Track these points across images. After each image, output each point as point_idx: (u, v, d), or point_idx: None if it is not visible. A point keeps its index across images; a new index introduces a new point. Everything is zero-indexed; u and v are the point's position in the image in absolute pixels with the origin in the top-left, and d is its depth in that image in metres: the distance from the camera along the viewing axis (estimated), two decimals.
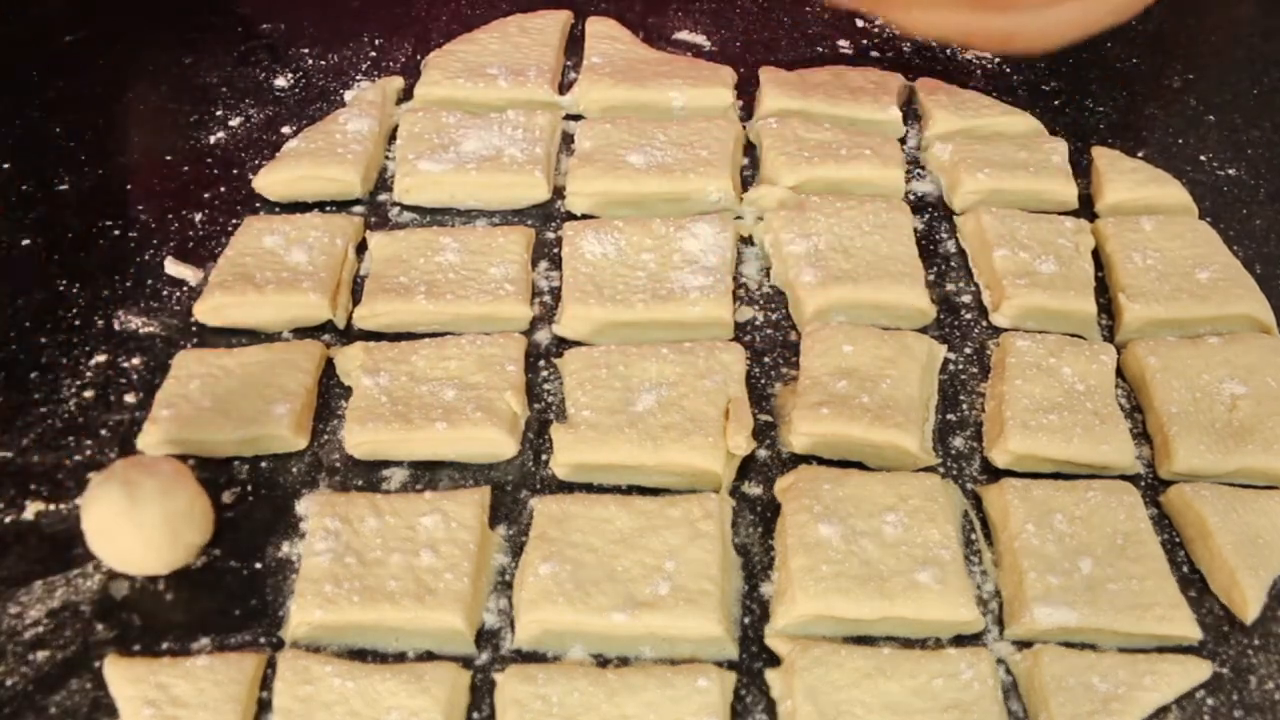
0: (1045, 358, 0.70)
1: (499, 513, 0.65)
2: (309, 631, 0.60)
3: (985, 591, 0.63)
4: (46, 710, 0.58)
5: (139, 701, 0.57)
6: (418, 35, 0.90)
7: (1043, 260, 0.74)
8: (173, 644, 0.60)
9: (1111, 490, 0.65)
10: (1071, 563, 0.62)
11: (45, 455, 0.67)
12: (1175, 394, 0.68)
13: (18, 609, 0.61)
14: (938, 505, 0.63)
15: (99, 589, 0.62)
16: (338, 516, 0.63)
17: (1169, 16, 0.91)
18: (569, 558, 0.61)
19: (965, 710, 0.57)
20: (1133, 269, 0.74)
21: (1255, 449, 0.66)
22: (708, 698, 0.57)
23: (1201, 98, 0.88)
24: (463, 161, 0.79)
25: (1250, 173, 0.83)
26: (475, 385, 0.68)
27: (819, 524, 0.62)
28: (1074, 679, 0.58)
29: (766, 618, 0.61)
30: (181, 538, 0.61)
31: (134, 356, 0.71)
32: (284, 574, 0.63)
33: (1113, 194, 0.79)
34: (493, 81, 0.84)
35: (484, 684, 0.59)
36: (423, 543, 0.62)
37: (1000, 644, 0.61)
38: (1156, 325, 0.73)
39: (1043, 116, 0.84)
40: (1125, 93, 0.88)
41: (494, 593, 0.62)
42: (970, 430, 0.69)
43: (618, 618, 0.59)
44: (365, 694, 0.57)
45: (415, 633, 0.60)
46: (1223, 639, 0.61)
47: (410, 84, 0.86)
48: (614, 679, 0.58)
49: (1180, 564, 0.64)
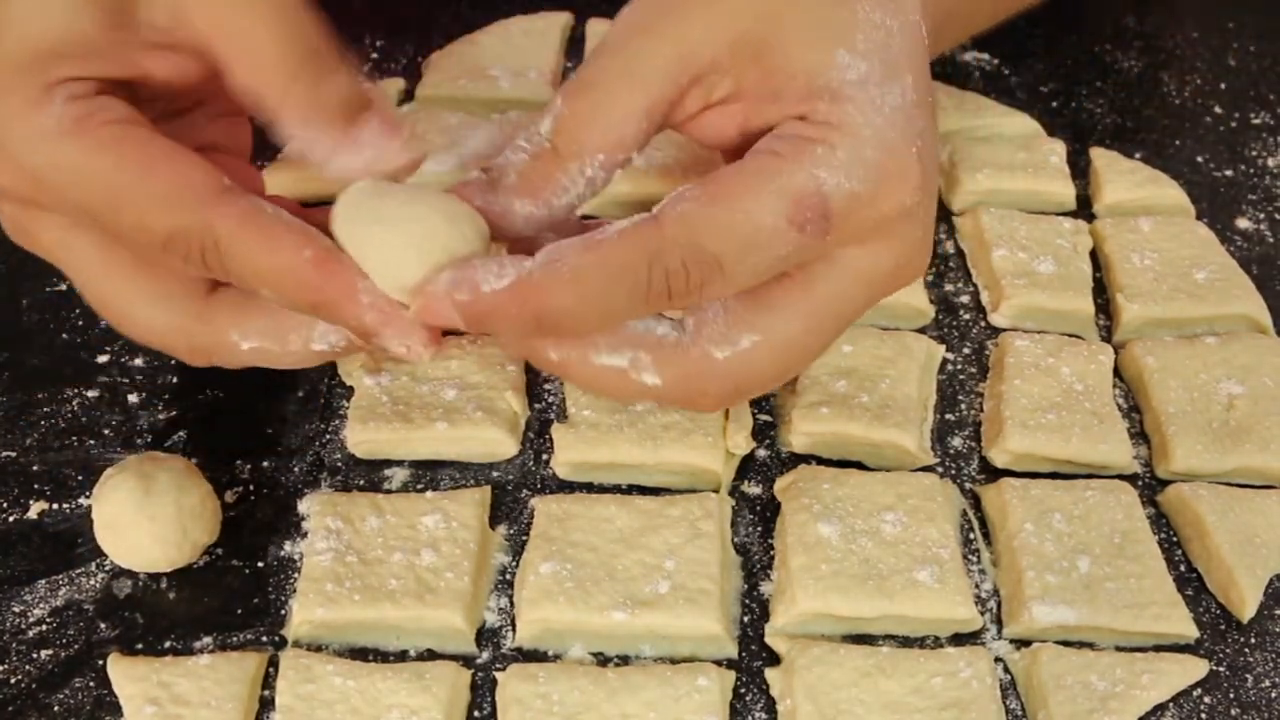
0: (1044, 357, 0.70)
1: (500, 512, 0.66)
2: (311, 630, 0.60)
3: (984, 590, 0.63)
4: (50, 708, 0.58)
5: (142, 700, 0.57)
6: (419, 37, 0.90)
7: (1041, 260, 0.74)
8: (175, 642, 0.61)
9: (1110, 490, 0.65)
10: (1070, 561, 0.62)
11: (48, 455, 0.67)
12: (1173, 394, 0.69)
13: (21, 607, 0.61)
14: (936, 504, 0.63)
15: (102, 588, 0.62)
16: (339, 516, 0.63)
17: (1166, 18, 0.91)
18: (569, 557, 0.61)
19: (964, 708, 0.57)
20: (1131, 269, 0.75)
21: (1252, 448, 0.66)
22: (708, 696, 0.57)
23: (1199, 99, 0.88)
24: (465, 162, 0.79)
25: (1247, 174, 0.83)
26: (476, 385, 0.68)
27: (818, 523, 0.62)
28: (1072, 677, 0.58)
29: (766, 616, 0.62)
30: (190, 535, 0.61)
31: (137, 356, 0.71)
32: (286, 573, 0.63)
33: (1111, 194, 0.80)
34: (494, 83, 0.84)
35: (485, 682, 0.60)
36: (424, 542, 0.62)
37: (999, 643, 0.61)
38: (1154, 325, 0.73)
39: (1041, 117, 0.84)
40: (1123, 94, 0.88)
41: (495, 592, 0.63)
42: (969, 430, 0.69)
43: (618, 616, 0.59)
44: (366, 692, 0.57)
45: (416, 631, 0.60)
46: (1219, 637, 0.61)
47: (411, 85, 0.86)
48: (614, 678, 0.58)
49: (1177, 563, 0.64)
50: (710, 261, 0.50)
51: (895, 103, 0.52)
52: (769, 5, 0.52)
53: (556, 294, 0.49)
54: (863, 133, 0.51)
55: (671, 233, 0.50)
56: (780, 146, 0.51)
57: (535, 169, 0.52)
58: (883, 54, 0.53)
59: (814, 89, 0.52)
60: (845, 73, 0.52)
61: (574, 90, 0.53)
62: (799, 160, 0.51)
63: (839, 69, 0.52)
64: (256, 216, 0.51)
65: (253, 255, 0.50)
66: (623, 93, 0.52)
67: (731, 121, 0.54)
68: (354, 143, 0.52)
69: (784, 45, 0.52)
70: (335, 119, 0.51)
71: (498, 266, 0.49)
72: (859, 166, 0.51)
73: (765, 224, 0.50)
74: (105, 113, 0.51)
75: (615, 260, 0.49)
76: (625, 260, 0.49)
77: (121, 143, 0.50)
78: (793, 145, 0.51)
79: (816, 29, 0.52)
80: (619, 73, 0.52)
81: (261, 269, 0.51)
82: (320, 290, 0.50)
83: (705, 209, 0.50)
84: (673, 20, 0.52)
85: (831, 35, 0.52)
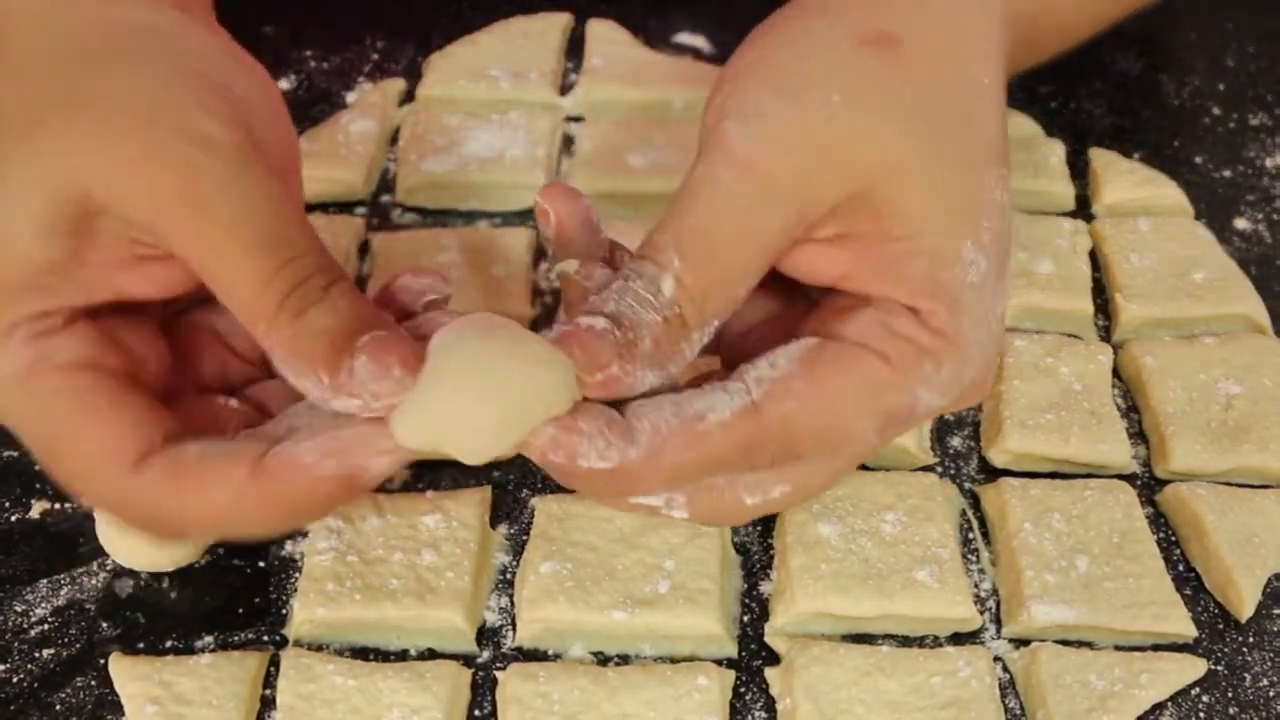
0: (1043, 357, 0.70)
1: (500, 512, 0.66)
2: (312, 629, 0.60)
3: (983, 590, 0.63)
4: (52, 707, 0.58)
5: (143, 699, 0.57)
6: (419, 37, 0.90)
7: (1040, 260, 0.75)
8: (176, 642, 0.61)
9: (1109, 489, 0.65)
10: (1068, 561, 0.62)
11: None
12: (1172, 393, 0.69)
13: (23, 607, 0.62)
14: (936, 504, 0.64)
15: (104, 587, 0.62)
16: (340, 515, 0.63)
17: (1165, 19, 0.91)
18: (570, 556, 0.61)
19: (963, 707, 0.57)
20: (1129, 269, 0.75)
21: (1251, 448, 0.66)
22: (707, 696, 0.57)
23: (1197, 100, 0.88)
24: (465, 162, 0.79)
25: (1245, 174, 0.83)
26: None
27: (818, 523, 0.62)
28: (1071, 677, 0.59)
29: (766, 616, 0.62)
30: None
31: None
32: (287, 572, 0.63)
33: (1110, 195, 0.80)
34: (494, 83, 0.85)
35: (485, 682, 0.60)
36: (424, 541, 0.62)
37: (998, 642, 0.61)
38: (1153, 325, 0.73)
39: (1040, 119, 0.85)
40: (1122, 95, 0.88)
41: (495, 591, 0.63)
42: (968, 430, 0.70)
43: (618, 616, 0.59)
44: (367, 691, 0.57)
45: (417, 630, 0.60)
46: (1218, 637, 0.61)
47: (412, 85, 0.86)
48: (614, 677, 0.58)
49: (1176, 562, 0.64)
50: (794, 454, 0.50)
51: (999, 313, 0.51)
52: (900, 162, 0.49)
53: (650, 484, 0.48)
54: (971, 352, 0.50)
55: (771, 433, 0.49)
56: (893, 353, 0.49)
57: (668, 336, 0.48)
58: (1000, 245, 0.50)
59: (935, 287, 0.49)
60: (968, 273, 0.49)
61: (691, 247, 0.48)
62: (909, 377, 0.49)
63: (963, 266, 0.49)
64: (180, 470, 0.48)
65: (190, 507, 0.48)
66: (742, 258, 0.48)
67: (830, 267, 0.51)
68: (343, 386, 0.46)
69: (911, 216, 0.49)
70: (320, 359, 0.46)
71: (603, 443, 0.46)
72: (955, 386, 0.51)
73: (857, 433, 0.50)
74: (56, 356, 0.48)
75: (714, 457, 0.48)
76: (724, 457, 0.49)
77: (60, 398, 0.48)
78: (904, 356, 0.49)
79: (946, 210, 0.49)
80: (738, 231, 0.48)
81: (204, 515, 0.49)
82: (271, 496, 0.47)
83: (807, 413, 0.48)
84: (795, 164, 0.48)
85: (960, 221, 0.49)
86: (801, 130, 0.48)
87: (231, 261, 0.47)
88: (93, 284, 0.49)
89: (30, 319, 0.48)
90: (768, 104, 0.49)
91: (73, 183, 0.47)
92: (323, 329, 0.46)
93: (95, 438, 0.48)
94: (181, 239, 0.47)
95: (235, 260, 0.46)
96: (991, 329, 0.51)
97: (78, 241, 0.48)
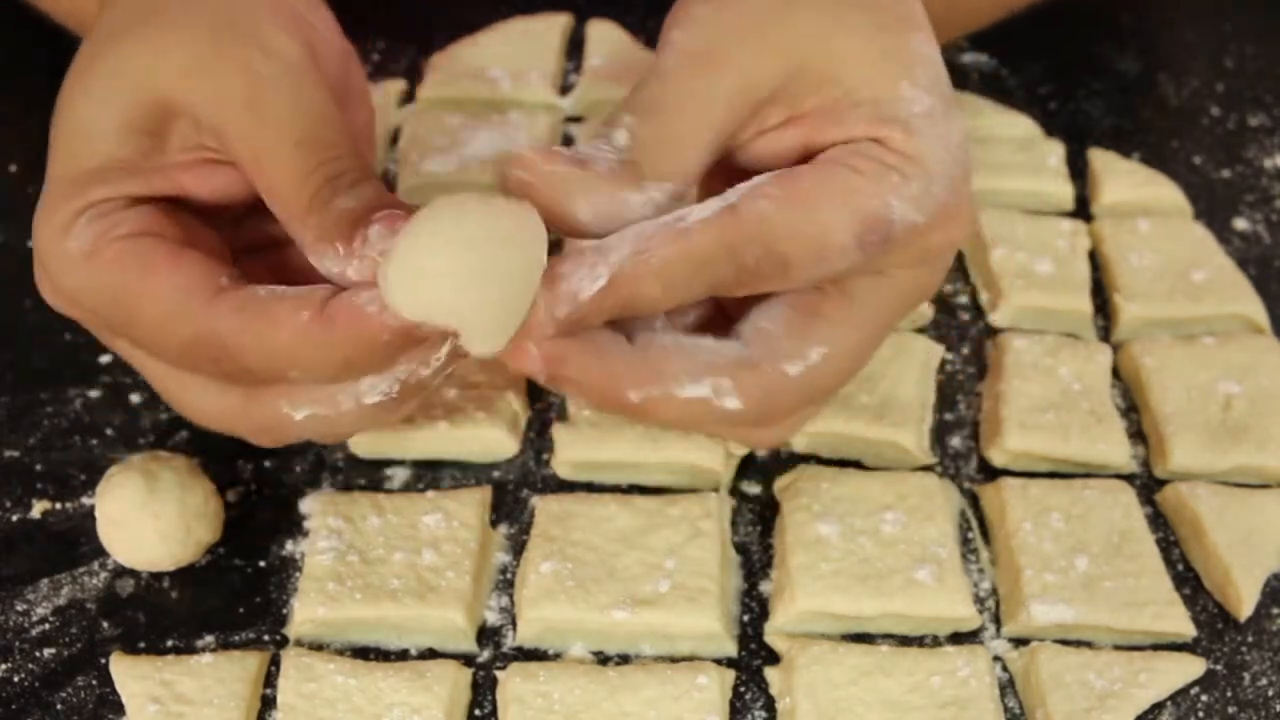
0: (1042, 357, 0.70)
1: (500, 511, 0.66)
2: (312, 629, 0.60)
3: (982, 590, 0.63)
4: (53, 706, 0.58)
5: (144, 698, 0.57)
6: (420, 38, 0.90)
7: (1040, 260, 0.75)
8: (177, 641, 0.61)
9: (1108, 489, 0.65)
10: (1068, 561, 0.62)
11: (51, 454, 0.67)
12: (1171, 393, 0.69)
13: (24, 606, 0.62)
14: (935, 504, 0.64)
15: (105, 587, 0.62)
16: (341, 515, 0.63)
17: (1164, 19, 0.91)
18: (570, 556, 0.62)
19: (963, 707, 0.57)
20: (1129, 269, 0.75)
21: (1250, 448, 0.67)
22: (707, 695, 0.57)
23: (1196, 101, 0.88)
24: (466, 163, 0.79)
25: (1244, 175, 0.84)
26: (477, 384, 0.68)
27: (818, 522, 0.62)
28: (1070, 676, 0.59)
29: (765, 615, 0.62)
30: (193, 533, 0.61)
31: None
32: (287, 572, 0.63)
33: (1109, 195, 0.80)
34: (495, 84, 0.85)
35: (485, 681, 0.60)
36: (425, 541, 0.62)
37: (997, 641, 0.62)
38: (1152, 325, 0.73)
39: (1039, 119, 0.85)
40: (1121, 96, 0.88)
41: (495, 591, 0.63)
42: (967, 430, 0.70)
43: (618, 615, 0.60)
44: (368, 691, 0.57)
45: (417, 630, 0.61)
46: (1217, 636, 0.62)
47: (412, 86, 0.86)
48: (614, 676, 0.58)
49: (1175, 562, 0.64)
50: (778, 261, 0.51)
51: (956, 140, 0.54)
52: (826, 37, 0.53)
53: (646, 285, 0.50)
54: (934, 169, 0.53)
55: (750, 230, 0.51)
56: (860, 165, 0.52)
57: (624, 173, 0.51)
58: (940, 89, 0.54)
59: (884, 117, 0.52)
60: (912, 106, 0.53)
61: (642, 110, 0.52)
62: (879, 184, 0.52)
63: (906, 102, 0.53)
64: (250, 305, 0.50)
65: (257, 342, 0.50)
66: (689, 122, 0.52)
67: (788, 145, 0.54)
68: (355, 251, 0.50)
69: (844, 78, 0.52)
70: (342, 236, 0.50)
71: (588, 267, 0.49)
72: (927, 201, 0.53)
73: (835, 238, 0.51)
74: (118, 228, 0.52)
75: (699, 253, 0.50)
76: (708, 253, 0.50)
77: (124, 258, 0.52)
78: (872, 167, 0.52)
79: (877, 62, 0.53)
80: (684, 100, 0.52)
81: (270, 351, 0.50)
82: (332, 339, 0.49)
83: (783, 211, 0.51)
84: (731, 50, 0.52)
85: (893, 68, 0.53)
86: (735, 25, 0.53)
87: (279, 158, 0.51)
88: (157, 179, 0.54)
89: (96, 203, 0.52)
90: (704, 12, 0.54)
91: (152, 86, 0.52)
92: (347, 209, 0.50)
93: (167, 282, 0.51)
94: (241, 137, 0.52)
95: (282, 158, 0.51)
96: (951, 151, 0.54)
97: (152, 141, 0.53)
